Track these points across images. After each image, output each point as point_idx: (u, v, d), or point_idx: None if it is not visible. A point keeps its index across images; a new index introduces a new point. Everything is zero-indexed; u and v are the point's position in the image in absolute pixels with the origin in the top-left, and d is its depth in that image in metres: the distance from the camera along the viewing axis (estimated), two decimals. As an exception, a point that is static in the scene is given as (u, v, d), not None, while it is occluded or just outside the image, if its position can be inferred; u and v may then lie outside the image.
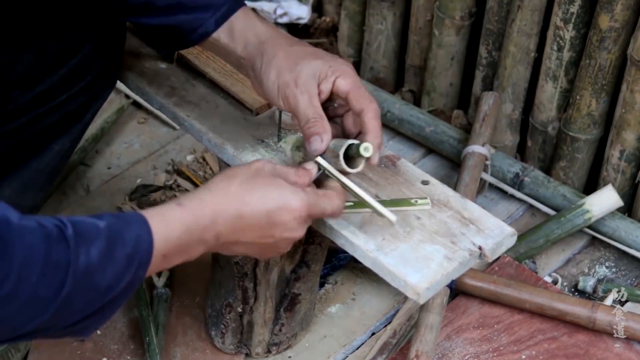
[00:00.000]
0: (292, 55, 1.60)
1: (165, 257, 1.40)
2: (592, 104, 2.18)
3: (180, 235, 1.40)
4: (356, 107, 1.59)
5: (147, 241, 1.37)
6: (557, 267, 2.22)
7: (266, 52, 1.61)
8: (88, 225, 1.32)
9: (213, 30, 1.63)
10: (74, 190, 2.31)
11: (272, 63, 1.60)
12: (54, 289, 1.28)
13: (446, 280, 1.57)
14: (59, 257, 1.28)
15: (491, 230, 1.63)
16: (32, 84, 1.74)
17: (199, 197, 1.44)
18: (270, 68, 1.60)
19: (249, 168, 1.49)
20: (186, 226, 1.41)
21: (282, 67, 1.59)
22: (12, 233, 1.25)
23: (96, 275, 1.32)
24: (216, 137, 1.75)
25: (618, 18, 2.04)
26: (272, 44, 1.62)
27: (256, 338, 1.96)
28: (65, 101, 1.79)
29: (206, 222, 1.43)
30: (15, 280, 1.24)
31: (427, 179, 1.71)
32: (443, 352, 2.00)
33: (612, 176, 2.22)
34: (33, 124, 1.78)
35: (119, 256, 1.34)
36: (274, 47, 1.61)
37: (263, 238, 1.49)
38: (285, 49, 1.61)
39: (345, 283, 2.15)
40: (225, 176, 1.48)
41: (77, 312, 1.33)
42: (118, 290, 1.35)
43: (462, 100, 2.48)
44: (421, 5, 2.40)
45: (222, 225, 1.45)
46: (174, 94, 1.83)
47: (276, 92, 1.60)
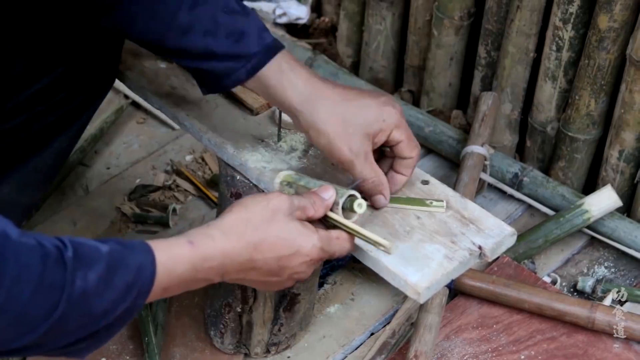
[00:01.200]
0: (339, 114, 1.59)
1: (166, 290, 1.40)
2: (591, 104, 2.18)
3: (184, 272, 1.40)
4: (407, 155, 1.63)
5: (149, 271, 1.36)
6: (556, 267, 2.22)
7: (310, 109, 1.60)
8: (90, 248, 1.32)
9: (244, 79, 1.62)
10: (73, 190, 2.31)
11: (323, 125, 1.59)
12: (46, 309, 1.27)
13: (446, 280, 1.57)
14: (55, 278, 1.27)
15: (491, 230, 1.63)
16: (31, 82, 1.74)
17: (211, 238, 1.43)
18: (321, 131, 1.59)
19: (266, 207, 1.47)
20: (193, 265, 1.41)
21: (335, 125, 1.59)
22: (8, 249, 1.25)
23: (92, 300, 1.31)
24: (216, 136, 1.75)
25: (617, 18, 2.04)
26: (314, 103, 1.60)
27: (255, 338, 1.96)
28: (64, 99, 1.79)
29: (214, 264, 1.43)
30: (5, 296, 1.24)
31: (427, 179, 1.71)
32: (442, 352, 2.00)
33: (611, 176, 2.22)
34: (32, 122, 1.78)
35: (118, 283, 1.33)
36: (316, 109, 1.60)
37: (270, 277, 1.50)
38: (330, 109, 1.60)
39: (344, 283, 2.15)
40: (241, 217, 1.46)
41: (70, 334, 1.33)
42: (114, 317, 1.34)
43: (461, 101, 2.48)
44: (420, 6, 2.41)
45: (231, 267, 1.45)
46: (174, 93, 1.83)
47: (332, 156, 1.60)
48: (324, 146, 1.60)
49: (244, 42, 1.61)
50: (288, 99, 1.61)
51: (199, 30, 1.61)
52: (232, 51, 1.61)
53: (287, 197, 1.49)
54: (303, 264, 1.50)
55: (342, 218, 1.55)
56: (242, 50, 1.61)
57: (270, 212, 1.47)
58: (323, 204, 1.54)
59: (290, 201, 1.49)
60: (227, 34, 1.61)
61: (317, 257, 1.50)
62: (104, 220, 2.25)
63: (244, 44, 1.61)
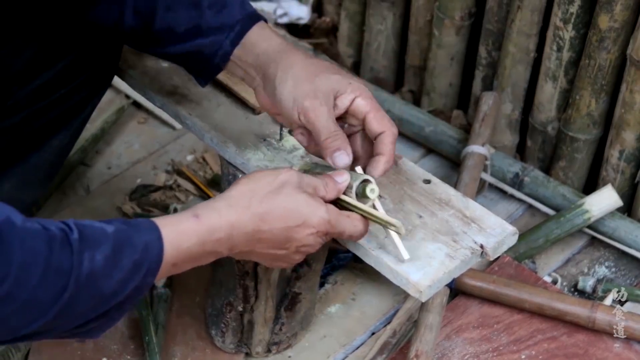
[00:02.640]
0: (310, 67, 1.58)
1: (175, 266, 1.40)
2: (591, 104, 2.18)
3: (192, 246, 1.40)
4: (377, 129, 1.57)
5: (156, 248, 1.36)
6: (557, 267, 2.22)
7: (282, 61, 1.58)
8: (95, 230, 1.32)
9: (230, 50, 1.61)
10: (74, 190, 2.31)
11: (289, 73, 1.57)
12: (55, 293, 1.28)
13: (448, 278, 1.57)
14: (61, 261, 1.28)
15: (493, 229, 1.63)
16: (31, 78, 1.74)
17: (217, 210, 1.43)
18: (286, 77, 1.57)
19: (275, 179, 1.47)
20: (200, 238, 1.41)
21: (299, 77, 1.56)
22: (14, 235, 1.25)
23: (100, 281, 1.31)
24: (218, 135, 1.76)
25: (617, 18, 2.05)
26: (288, 54, 1.59)
27: (256, 337, 1.96)
28: (64, 96, 1.79)
29: (221, 235, 1.43)
30: (13, 282, 1.24)
31: (429, 178, 1.71)
32: (443, 351, 2.00)
33: (611, 176, 2.22)
34: (32, 119, 1.78)
35: (126, 262, 1.33)
36: (290, 58, 1.59)
37: (278, 250, 1.49)
38: (302, 60, 1.59)
39: (345, 283, 2.15)
40: (247, 189, 1.46)
41: (80, 316, 1.33)
42: (124, 296, 1.35)
43: (461, 100, 2.48)
44: (421, 6, 2.41)
45: (238, 238, 1.44)
46: (176, 92, 1.83)
47: (291, 104, 1.56)
48: (288, 92, 1.56)
49: (226, 11, 1.61)
50: (264, 51, 1.59)
51: (184, 4, 1.61)
52: (214, 22, 1.61)
53: (297, 173, 1.49)
54: (311, 236, 1.49)
55: (353, 200, 1.54)
56: (224, 20, 1.61)
57: (278, 184, 1.47)
58: (336, 186, 1.52)
59: (300, 176, 1.48)
60: (209, 4, 1.61)
61: (325, 229, 1.49)
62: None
63: (226, 14, 1.61)
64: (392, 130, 1.57)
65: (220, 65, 1.64)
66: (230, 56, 1.62)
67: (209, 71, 1.65)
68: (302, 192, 1.48)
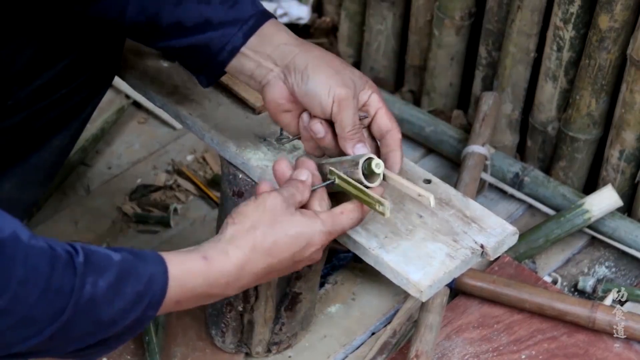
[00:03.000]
0: (335, 60, 1.60)
1: (178, 303, 1.39)
2: (591, 104, 2.18)
3: (197, 287, 1.39)
4: (386, 125, 1.60)
5: (161, 282, 1.35)
6: (557, 267, 2.22)
7: (309, 52, 1.59)
8: (101, 256, 1.31)
9: (241, 43, 1.60)
10: (74, 190, 2.31)
11: (323, 62, 1.58)
12: (53, 313, 1.27)
13: (448, 278, 1.57)
14: (63, 282, 1.27)
15: (493, 229, 1.63)
16: (32, 78, 1.74)
17: (225, 252, 1.42)
18: (320, 66, 1.57)
19: (263, 212, 1.46)
20: (206, 280, 1.40)
21: (332, 67, 1.58)
22: (18, 250, 1.24)
23: (100, 307, 1.30)
24: (218, 135, 1.76)
25: (618, 18, 2.05)
26: (310, 46, 1.60)
27: (256, 337, 1.96)
28: (64, 96, 1.79)
29: (231, 279, 1.43)
30: (11, 297, 1.23)
31: (430, 178, 1.71)
32: (443, 351, 2.00)
33: (611, 176, 2.22)
34: (33, 119, 1.78)
35: (129, 292, 1.32)
36: (314, 50, 1.60)
37: (285, 273, 1.51)
38: (326, 53, 1.60)
39: (345, 283, 2.15)
40: (246, 227, 1.45)
41: (77, 341, 1.32)
42: (123, 326, 1.34)
43: (461, 100, 2.48)
44: (421, 6, 2.41)
45: (247, 279, 1.45)
46: (176, 92, 1.83)
47: (327, 91, 1.56)
48: (324, 80, 1.56)
49: (238, 7, 1.61)
50: (286, 42, 1.59)
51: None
52: (227, 16, 1.60)
53: (277, 193, 1.48)
54: (315, 252, 1.50)
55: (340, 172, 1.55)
56: (237, 15, 1.60)
57: (269, 214, 1.46)
58: (305, 185, 1.52)
59: (282, 195, 1.48)
60: (221, 0, 1.61)
61: (327, 240, 1.51)
62: (105, 220, 2.25)
63: (239, 9, 1.60)
64: (398, 128, 1.62)
65: (224, 62, 1.62)
66: (238, 51, 1.61)
67: (211, 68, 1.64)
68: (292, 212, 1.48)
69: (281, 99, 1.61)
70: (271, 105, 1.63)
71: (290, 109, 1.62)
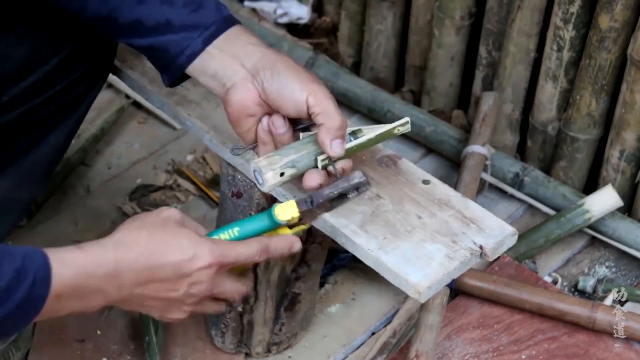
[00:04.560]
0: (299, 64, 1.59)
1: (59, 298, 1.35)
2: (592, 104, 2.18)
3: (74, 278, 1.35)
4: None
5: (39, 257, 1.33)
6: (557, 267, 2.22)
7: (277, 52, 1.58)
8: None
9: (200, 49, 1.58)
10: (74, 190, 2.31)
11: (290, 61, 1.57)
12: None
13: (447, 279, 1.57)
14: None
15: (492, 229, 1.63)
16: (26, 74, 1.74)
17: (102, 245, 1.39)
18: (289, 64, 1.56)
19: (157, 216, 1.44)
20: (83, 269, 1.36)
21: (299, 67, 1.57)
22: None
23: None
24: (217, 136, 1.75)
25: (618, 18, 2.04)
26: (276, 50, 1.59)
27: (256, 337, 1.96)
28: (60, 92, 1.79)
29: (108, 270, 1.38)
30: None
31: (428, 179, 1.71)
32: (443, 352, 2.00)
33: (612, 176, 2.22)
34: (28, 116, 1.77)
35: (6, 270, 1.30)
36: (281, 54, 1.59)
37: (169, 292, 1.44)
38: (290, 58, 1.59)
39: (345, 283, 2.15)
40: (132, 228, 1.43)
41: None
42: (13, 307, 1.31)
43: (462, 100, 2.48)
44: (421, 6, 2.41)
45: (127, 276, 1.39)
46: (175, 93, 1.83)
47: (300, 86, 1.53)
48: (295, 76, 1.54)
49: (202, 11, 1.59)
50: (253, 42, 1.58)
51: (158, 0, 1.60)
52: (189, 20, 1.58)
53: (179, 211, 1.46)
54: (202, 273, 1.44)
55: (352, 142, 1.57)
56: (199, 20, 1.58)
57: (162, 219, 1.44)
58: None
59: (182, 216, 1.46)
60: (184, 3, 1.59)
61: (217, 263, 1.44)
62: (105, 220, 2.25)
63: (202, 14, 1.59)
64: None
65: (183, 66, 1.60)
66: (197, 56, 1.59)
67: (172, 70, 1.63)
68: (186, 228, 1.45)
69: (247, 101, 1.58)
70: (236, 109, 1.59)
71: (254, 113, 1.58)
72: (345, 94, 2.44)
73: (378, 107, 2.41)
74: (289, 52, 2.48)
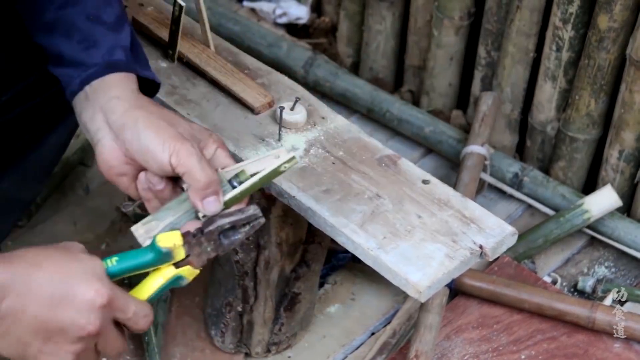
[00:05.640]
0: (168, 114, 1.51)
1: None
2: (591, 104, 2.18)
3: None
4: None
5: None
6: (556, 267, 2.22)
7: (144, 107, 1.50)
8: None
9: (78, 89, 1.54)
10: (73, 190, 2.31)
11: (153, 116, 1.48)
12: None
13: (447, 279, 1.57)
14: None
15: (492, 229, 1.63)
16: (26, 74, 1.73)
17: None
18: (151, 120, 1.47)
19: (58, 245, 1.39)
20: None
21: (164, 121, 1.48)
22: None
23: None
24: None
25: (617, 18, 2.05)
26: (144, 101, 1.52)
27: (256, 337, 1.96)
28: (59, 91, 1.78)
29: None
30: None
31: (428, 179, 1.71)
32: (442, 352, 2.00)
33: (611, 176, 2.22)
34: (28, 116, 1.77)
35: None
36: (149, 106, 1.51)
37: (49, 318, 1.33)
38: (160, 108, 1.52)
39: (345, 283, 2.15)
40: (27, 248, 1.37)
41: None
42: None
43: (461, 100, 2.48)
44: (420, 6, 2.41)
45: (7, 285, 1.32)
46: (175, 92, 1.83)
47: (161, 146, 1.45)
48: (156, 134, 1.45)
49: (92, 51, 1.54)
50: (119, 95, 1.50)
51: (60, 31, 1.56)
52: (77, 57, 1.54)
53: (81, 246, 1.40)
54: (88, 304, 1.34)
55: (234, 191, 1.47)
56: (85, 59, 1.54)
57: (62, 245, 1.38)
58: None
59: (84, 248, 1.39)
60: (80, 39, 1.55)
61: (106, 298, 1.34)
62: (105, 220, 2.24)
63: (90, 53, 1.54)
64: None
65: (69, 100, 1.57)
66: (75, 95, 1.54)
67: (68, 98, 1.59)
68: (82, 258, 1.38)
69: (113, 161, 1.50)
70: (104, 168, 1.51)
71: (125, 172, 1.51)
72: (344, 94, 2.44)
73: (377, 107, 2.41)
74: (288, 52, 2.48)
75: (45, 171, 1.88)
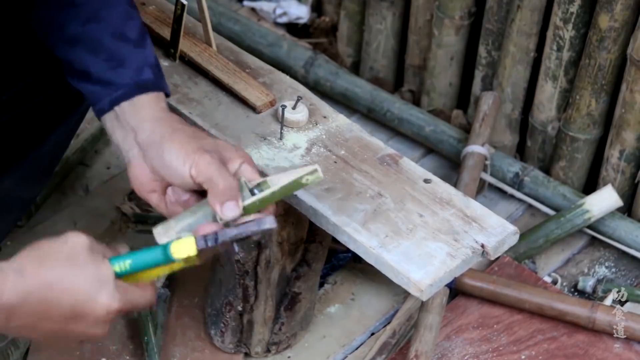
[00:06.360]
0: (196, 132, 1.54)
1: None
2: (591, 103, 2.18)
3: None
4: None
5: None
6: (557, 267, 2.22)
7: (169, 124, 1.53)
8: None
9: (108, 109, 1.56)
10: (73, 190, 2.30)
11: (177, 132, 1.51)
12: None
13: (449, 278, 1.57)
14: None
15: (494, 228, 1.63)
16: (27, 73, 1.73)
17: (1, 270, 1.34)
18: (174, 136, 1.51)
19: (63, 245, 1.39)
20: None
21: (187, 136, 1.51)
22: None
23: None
24: (219, 134, 1.75)
25: (618, 18, 2.05)
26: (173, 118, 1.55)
27: (256, 337, 1.96)
28: (60, 90, 1.78)
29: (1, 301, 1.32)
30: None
31: (430, 178, 1.71)
32: (442, 352, 2.00)
33: (611, 176, 2.22)
34: (28, 115, 1.77)
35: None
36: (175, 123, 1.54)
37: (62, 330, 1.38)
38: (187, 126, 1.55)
39: (345, 283, 2.15)
40: (35, 257, 1.37)
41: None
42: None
43: (461, 100, 2.48)
44: (421, 5, 2.41)
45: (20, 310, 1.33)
46: (177, 91, 1.83)
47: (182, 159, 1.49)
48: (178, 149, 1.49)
49: (120, 70, 1.56)
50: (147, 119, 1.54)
51: (86, 47, 1.57)
52: (105, 76, 1.56)
53: (86, 236, 1.40)
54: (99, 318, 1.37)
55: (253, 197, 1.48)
56: (113, 79, 1.56)
57: (68, 249, 1.38)
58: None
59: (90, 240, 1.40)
60: (107, 57, 1.57)
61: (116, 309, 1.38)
62: (104, 220, 2.24)
63: (119, 73, 1.56)
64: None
65: (99, 115, 1.59)
66: (105, 113, 1.57)
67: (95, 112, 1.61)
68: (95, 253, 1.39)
69: (143, 178, 1.55)
70: (136, 187, 1.57)
71: (154, 189, 1.55)
72: (345, 94, 2.44)
73: (377, 106, 2.41)
74: (288, 52, 2.48)
75: (46, 171, 1.89)
